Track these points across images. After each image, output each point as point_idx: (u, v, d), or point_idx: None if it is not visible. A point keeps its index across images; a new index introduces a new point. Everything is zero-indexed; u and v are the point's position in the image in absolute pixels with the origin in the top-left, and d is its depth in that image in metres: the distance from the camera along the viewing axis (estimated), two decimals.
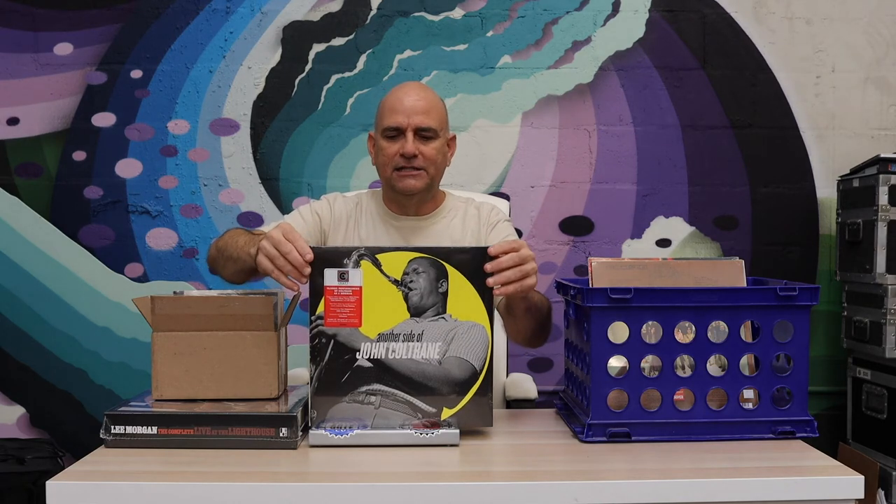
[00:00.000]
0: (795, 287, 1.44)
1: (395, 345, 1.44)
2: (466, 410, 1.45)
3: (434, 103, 1.91)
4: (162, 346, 1.47)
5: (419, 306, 1.44)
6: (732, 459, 1.35)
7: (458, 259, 1.45)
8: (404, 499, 1.23)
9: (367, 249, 1.44)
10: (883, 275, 2.68)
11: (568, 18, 3.00)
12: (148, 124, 2.97)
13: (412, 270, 1.44)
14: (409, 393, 1.44)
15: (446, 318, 1.44)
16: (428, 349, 1.44)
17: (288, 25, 2.97)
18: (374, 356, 1.44)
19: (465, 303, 1.45)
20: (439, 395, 1.44)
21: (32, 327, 2.98)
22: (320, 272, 1.43)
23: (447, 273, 1.45)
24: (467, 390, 1.45)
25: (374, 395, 1.43)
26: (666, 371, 1.45)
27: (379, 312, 1.43)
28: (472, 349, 1.45)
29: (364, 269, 1.43)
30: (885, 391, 2.73)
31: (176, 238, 2.98)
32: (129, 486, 1.22)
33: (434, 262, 1.45)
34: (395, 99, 1.90)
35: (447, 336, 1.44)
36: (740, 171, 3.03)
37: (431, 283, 1.44)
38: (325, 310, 1.43)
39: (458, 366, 1.45)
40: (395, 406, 1.44)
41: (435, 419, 1.44)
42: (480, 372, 1.45)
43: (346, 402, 1.43)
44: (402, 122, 1.87)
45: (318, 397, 1.43)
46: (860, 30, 3.03)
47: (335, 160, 2.97)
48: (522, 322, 1.72)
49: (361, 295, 1.43)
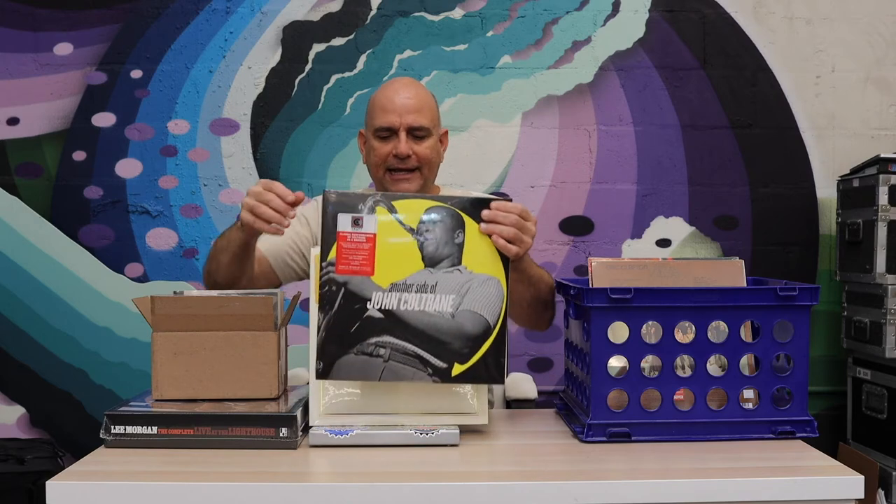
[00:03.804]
0: (795, 287, 1.44)
1: (407, 296, 1.39)
2: (478, 367, 1.40)
3: (426, 100, 1.89)
4: (162, 346, 1.47)
5: (434, 256, 1.40)
6: (732, 459, 1.35)
7: (477, 210, 1.41)
8: (404, 499, 1.23)
9: (383, 195, 1.41)
10: (883, 275, 2.68)
11: (568, 18, 3.00)
12: (148, 124, 2.97)
13: (429, 219, 1.40)
14: (419, 346, 1.39)
15: (461, 270, 1.40)
16: (441, 301, 1.39)
17: (288, 25, 2.97)
18: (386, 307, 1.39)
19: (482, 255, 1.41)
20: (451, 349, 1.39)
21: (32, 327, 2.98)
22: (334, 217, 1.39)
23: (464, 224, 1.41)
24: (480, 346, 1.40)
25: (384, 348, 1.39)
26: (666, 371, 1.45)
27: (392, 261, 1.39)
28: (487, 303, 1.40)
29: (379, 216, 1.39)
30: (885, 391, 2.73)
31: (176, 238, 2.98)
32: (129, 486, 1.22)
33: (451, 212, 1.40)
34: (385, 98, 1.87)
35: (461, 289, 1.40)
36: (740, 171, 3.03)
37: (448, 234, 1.40)
38: (336, 256, 1.39)
39: (472, 320, 1.40)
40: (405, 360, 1.39)
41: (445, 375, 1.40)
42: (494, 327, 1.40)
43: (353, 355, 1.39)
44: (394, 121, 1.84)
45: (326, 348, 1.39)
46: (860, 30, 3.03)
47: (335, 160, 2.96)
48: (518, 291, 1.65)
49: (375, 242, 1.39)
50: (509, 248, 1.43)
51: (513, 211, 1.44)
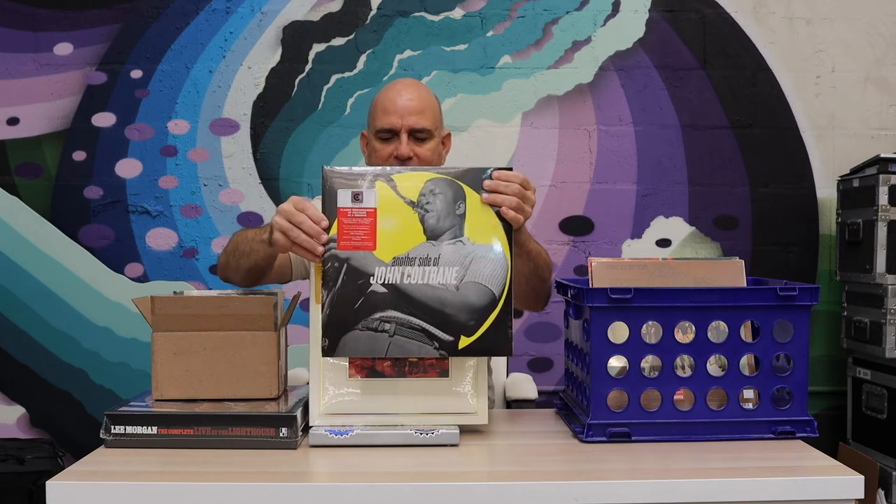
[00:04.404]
0: (795, 287, 1.44)
1: (410, 269, 1.38)
2: (485, 338, 1.38)
3: (428, 102, 1.89)
4: (162, 346, 1.47)
5: (436, 229, 1.39)
6: (732, 459, 1.35)
7: (478, 180, 1.40)
8: (404, 499, 1.22)
9: (382, 169, 1.40)
10: (883, 275, 2.68)
11: (568, 18, 3.00)
12: (148, 124, 2.97)
13: (429, 191, 1.39)
14: (424, 320, 1.38)
15: (464, 242, 1.39)
16: (445, 274, 1.38)
17: (288, 25, 2.97)
18: (389, 281, 1.38)
19: (484, 226, 1.39)
20: (456, 322, 1.38)
21: (32, 327, 2.98)
22: (334, 193, 1.38)
23: (465, 194, 1.39)
24: (486, 317, 1.38)
25: (389, 323, 1.38)
26: (666, 371, 1.45)
27: (394, 235, 1.38)
28: (491, 274, 1.39)
29: (379, 191, 1.38)
30: (885, 391, 2.73)
31: (176, 238, 2.98)
32: (129, 486, 1.22)
33: (452, 184, 1.39)
34: (387, 99, 1.87)
35: (465, 260, 1.39)
36: (740, 171, 3.03)
37: (449, 205, 1.39)
38: (338, 232, 1.38)
39: (476, 291, 1.38)
40: (411, 334, 1.38)
41: (451, 348, 1.38)
42: (500, 298, 1.39)
43: (358, 331, 1.38)
44: (395, 123, 1.84)
45: (331, 325, 1.38)
46: (860, 30, 3.03)
47: (335, 160, 2.97)
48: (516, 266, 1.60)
49: (376, 217, 1.38)
50: (517, 218, 1.42)
51: (514, 180, 1.43)
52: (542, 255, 1.73)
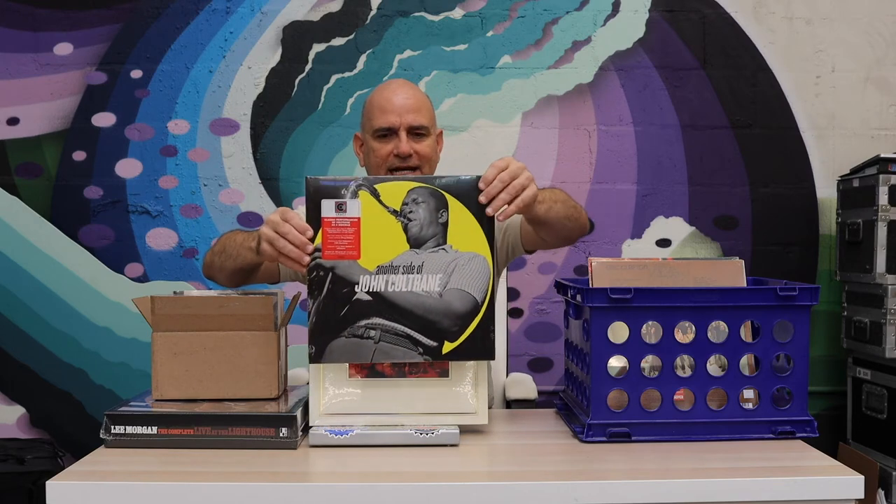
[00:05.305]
0: (795, 287, 1.44)
1: (394, 277, 1.41)
2: (468, 343, 1.42)
3: (423, 101, 1.91)
4: (162, 346, 1.47)
5: (419, 237, 1.41)
6: (732, 459, 1.35)
7: (459, 189, 1.42)
8: (404, 499, 1.23)
9: (364, 179, 1.42)
10: (883, 275, 2.68)
11: (568, 18, 3.00)
12: (148, 124, 2.97)
13: (411, 200, 1.41)
14: (409, 326, 1.41)
15: (447, 249, 1.42)
16: (428, 281, 1.41)
17: (288, 25, 2.97)
18: (374, 289, 1.41)
19: (466, 233, 1.42)
20: (440, 328, 1.41)
21: (32, 327, 2.98)
22: (318, 203, 1.41)
23: (447, 203, 1.42)
24: (469, 323, 1.42)
25: (374, 330, 1.41)
26: (666, 371, 1.45)
27: (378, 244, 1.40)
28: (474, 280, 1.42)
29: (362, 200, 1.41)
30: (885, 391, 2.73)
31: (176, 238, 2.98)
32: (129, 486, 1.22)
33: (434, 192, 1.42)
34: (383, 98, 1.88)
35: (448, 267, 1.41)
36: (740, 171, 3.03)
37: (431, 214, 1.42)
38: (322, 242, 1.41)
39: (460, 298, 1.42)
40: (396, 340, 1.41)
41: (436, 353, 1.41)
42: (482, 304, 1.42)
43: (344, 338, 1.41)
44: (394, 121, 1.85)
45: (318, 333, 1.41)
46: (860, 30, 3.03)
47: (335, 160, 2.97)
48: (554, 224, 1.69)
49: (360, 226, 1.41)
50: (521, 206, 1.46)
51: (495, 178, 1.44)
52: (559, 193, 1.73)
